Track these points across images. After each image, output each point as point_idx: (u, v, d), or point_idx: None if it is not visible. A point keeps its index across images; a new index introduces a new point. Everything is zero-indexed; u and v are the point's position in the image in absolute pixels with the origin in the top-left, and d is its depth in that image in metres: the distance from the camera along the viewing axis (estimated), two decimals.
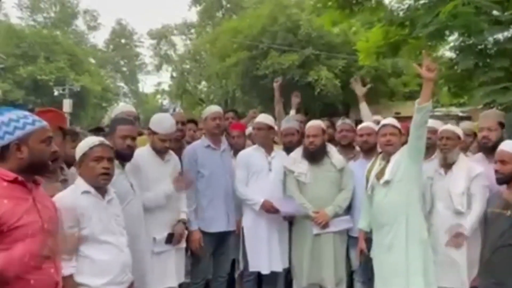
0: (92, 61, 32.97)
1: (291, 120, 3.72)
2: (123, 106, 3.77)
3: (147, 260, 2.71)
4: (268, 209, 3.26)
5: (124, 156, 2.60)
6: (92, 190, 2.07)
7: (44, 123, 1.80)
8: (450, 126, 3.04)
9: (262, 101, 15.86)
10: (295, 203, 3.26)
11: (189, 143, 3.60)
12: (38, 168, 1.73)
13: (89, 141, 2.17)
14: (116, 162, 2.53)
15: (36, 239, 1.65)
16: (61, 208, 1.90)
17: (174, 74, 28.11)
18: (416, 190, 2.83)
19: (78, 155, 2.16)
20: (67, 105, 22.78)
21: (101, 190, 2.14)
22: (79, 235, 1.98)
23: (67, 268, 1.90)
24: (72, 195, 2.01)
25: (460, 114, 12.74)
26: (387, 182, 2.85)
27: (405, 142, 2.87)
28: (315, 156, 3.28)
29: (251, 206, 3.32)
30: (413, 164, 2.79)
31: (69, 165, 2.46)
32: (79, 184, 2.09)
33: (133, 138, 2.66)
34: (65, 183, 2.29)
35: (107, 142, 2.24)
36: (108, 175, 2.15)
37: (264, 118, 3.50)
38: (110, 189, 2.20)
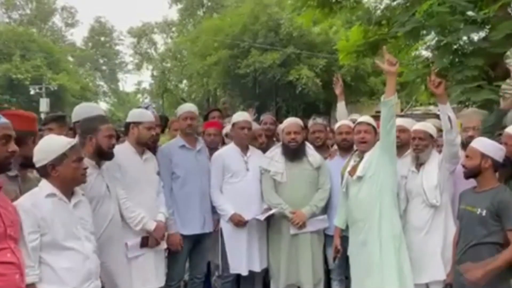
0: (70, 59, 32.28)
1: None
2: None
3: (120, 263, 2.61)
4: (236, 223, 3.23)
5: (108, 155, 2.54)
6: (57, 192, 1.97)
7: (4, 120, 1.71)
8: (421, 125, 3.00)
9: (244, 99, 15.84)
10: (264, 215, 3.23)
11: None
12: None
13: (64, 141, 2.04)
14: (93, 162, 2.46)
15: None
16: (21, 212, 1.81)
17: (155, 73, 27.77)
18: (389, 185, 2.81)
19: (52, 155, 1.98)
20: (44, 104, 22.31)
21: (68, 192, 2.03)
22: None
23: (29, 276, 1.81)
24: (34, 199, 1.90)
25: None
26: (359, 178, 2.85)
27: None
28: (296, 153, 3.25)
29: (222, 216, 3.29)
30: (385, 159, 2.78)
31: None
32: (43, 187, 1.97)
33: (115, 137, 2.64)
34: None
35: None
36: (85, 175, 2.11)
37: (245, 116, 3.43)
38: (77, 191, 2.10)
